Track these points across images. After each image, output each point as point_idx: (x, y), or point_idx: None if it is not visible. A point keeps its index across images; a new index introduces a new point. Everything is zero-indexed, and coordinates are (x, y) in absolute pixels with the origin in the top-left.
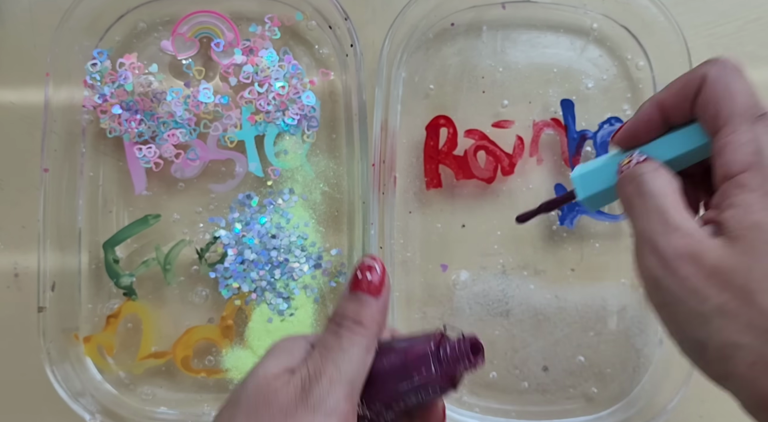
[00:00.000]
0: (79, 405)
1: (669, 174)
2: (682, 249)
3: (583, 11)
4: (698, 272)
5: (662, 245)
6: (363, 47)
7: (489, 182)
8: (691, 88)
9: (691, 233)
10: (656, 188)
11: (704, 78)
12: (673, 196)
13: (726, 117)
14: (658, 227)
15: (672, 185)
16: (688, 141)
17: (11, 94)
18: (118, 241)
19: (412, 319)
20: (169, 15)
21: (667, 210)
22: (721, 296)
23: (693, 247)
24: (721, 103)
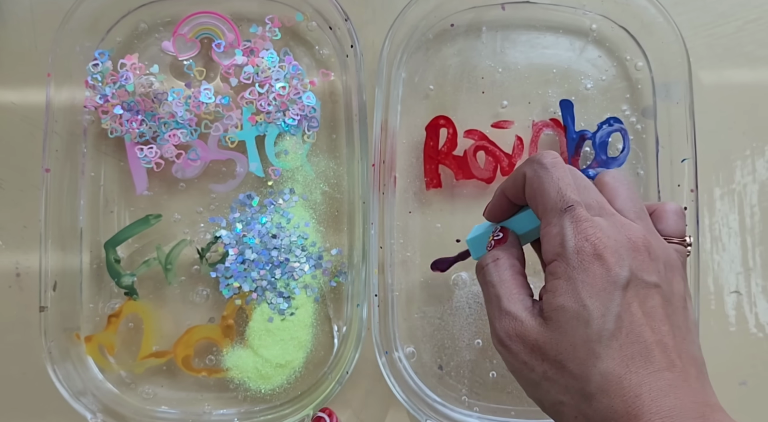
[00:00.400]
0: (80, 404)
1: (508, 261)
2: (511, 331)
3: (582, 12)
4: (524, 348)
5: (497, 328)
6: (363, 48)
7: (489, 182)
8: (519, 184)
9: (517, 316)
10: (494, 279)
11: (524, 177)
12: (509, 283)
13: (541, 211)
14: (495, 312)
15: (509, 272)
16: (534, 222)
17: (12, 95)
18: (120, 241)
19: (411, 319)
20: (170, 16)
21: (501, 298)
22: (543, 366)
23: (518, 329)
24: (537, 199)
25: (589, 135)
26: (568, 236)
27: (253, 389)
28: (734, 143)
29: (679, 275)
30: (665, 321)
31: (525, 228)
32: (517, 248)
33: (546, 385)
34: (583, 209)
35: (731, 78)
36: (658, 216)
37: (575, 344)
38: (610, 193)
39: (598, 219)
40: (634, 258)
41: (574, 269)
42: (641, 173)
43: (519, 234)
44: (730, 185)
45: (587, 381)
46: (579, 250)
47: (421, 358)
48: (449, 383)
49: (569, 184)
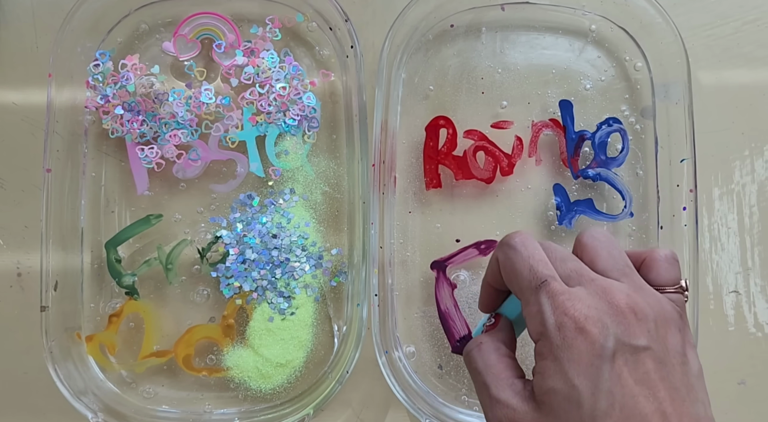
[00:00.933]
0: (81, 403)
1: (493, 345)
2: (503, 418)
3: (581, 13)
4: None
5: (489, 417)
6: (363, 48)
7: (488, 182)
8: (496, 270)
9: (508, 404)
10: (479, 365)
11: (497, 262)
12: (496, 367)
13: (519, 292)
14: (486, 399)
15: (494, 356)
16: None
17: (14, 95)
18: (120, 241)
19: (411, 318)
20: (171, 16)
21: (489, 385)
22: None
23: (510, 416)
24: (512, 281)
25: (589, 135)
26: (546, 313)
27: (254, 388)
28: (733, 143)
29: (675, 327)
30: (660, 386)
31: (515, 312)
32: (504, 332)
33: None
34: (558, 282)
35: (730, 78)
36: (647, 266)
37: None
38: (590, 254)
39: (577, 289)
40: (618, 324)
41: (558, 348)
42: (640, 173)
43: (512, 319)
44: (729, 185)
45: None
46: (560, 326)
47: (421, 358)
48: (449, 382)
49: (540, 260)
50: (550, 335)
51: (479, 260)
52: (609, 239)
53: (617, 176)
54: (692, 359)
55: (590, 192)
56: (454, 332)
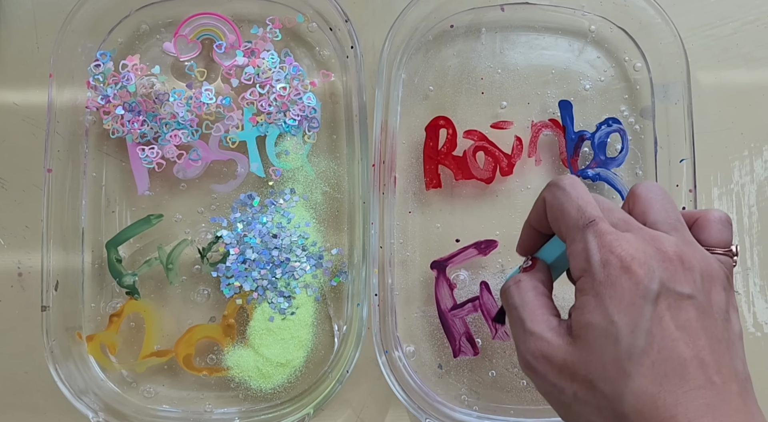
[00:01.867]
0: (82, 403)
1: (530, 283)
2: (537, 352)
3: (581, 13)
4: (552, 369)
5: (522, 350)
6: (363, 49)
7: (488, 182)
8: (541, 211)
9: (543, 336)
10: (516, 301)
11: (544, 202)
12: (532, 304)
13: (565, 232)
14: (520, 334)
15: (531, 293)
16: (560, 247)
17: (14, 96)
18: (121, 241)
19: (411, 318)
20: (172, 17)
21: (524, 319)
22: (572, 387)
23: (544, 349)
24: (560, 221)
25: (588, 136)
26: (592, 250)
27: (254, 388)
28: (732, 143)
29: (720, 285)
30: (701, 335)
31: (553, 256)
32: (542, 272)
33: (578, 407)
34: (606, 223)
35: (729, 79)
36: (700, 226)
37: (605, 362)
38: (643, 205)
39: (625, 234)
40: (665, 269)
41: (601, 284)
42: (640, 173)
43: (549, 263)
44: (728, 185)
45: (620, 401)
46: (605, 263)
47: (421, 357)
48: (449, 382)
49: (589, 201)
50: (593, 271)
51: (479, 260)
52: (664, 192)
53: (617, 176)
54: (734, 319)
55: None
56: (454, 332)
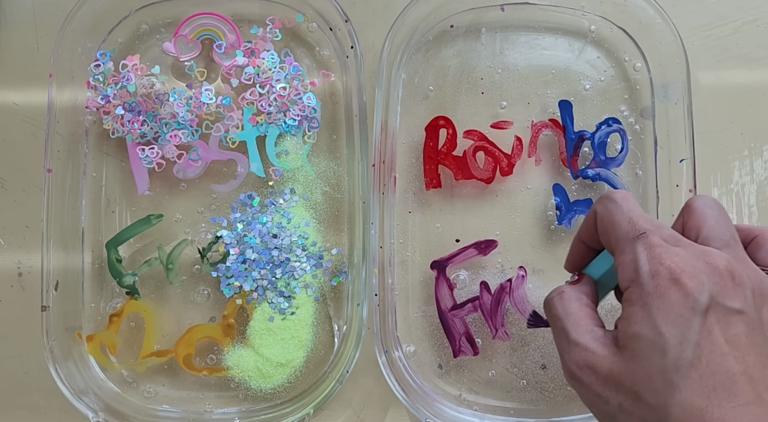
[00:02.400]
0: (82, 403)
1: (574, 294)
2: (581, 362)
3: (581, 13)
4: (597, 380)
5: (566, 360)
6: (363, 49)
7: (488, 182)
8: (592, 224)
9: (587, 347)
10: (560, 311)
11: (595, 215)
12: (576, 315)
13: (614, 243)
14: (564, 344)
15: (575, 304)
16: (608, 262)
17: (15, 96)
18: (121, 241)
19: (411, 318)
20: (172, 17)
21: (568, 330)
22: (617, 398)
23: (589, 360)
24: (609, 233)
25: (588, 136)
26: (641, 261)
27: (254, 388)
28: (732, 143)
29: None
30: (751, 351)
31: (601, 270)
32: (587, 286)
33: (622, 418)
34: (657, 236)
35: (729, 79)
36: (758, 244)
37: (651, 374)
38: (697, 220)
39: (675, 248)
40: (715, 283)
41: (650, 295)
42: (640, 173)
43: (596, 279)
44: (728, 185)
45: (666, 414)
46: (654, 274)
47: (421, 357)
48: (449, 382)
49: (641, 215)
50: (642, 281)
51: (479, 260)
52: (720, 207)
53: (617, 176)
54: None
55: (590, 192)
56: (454, 332)
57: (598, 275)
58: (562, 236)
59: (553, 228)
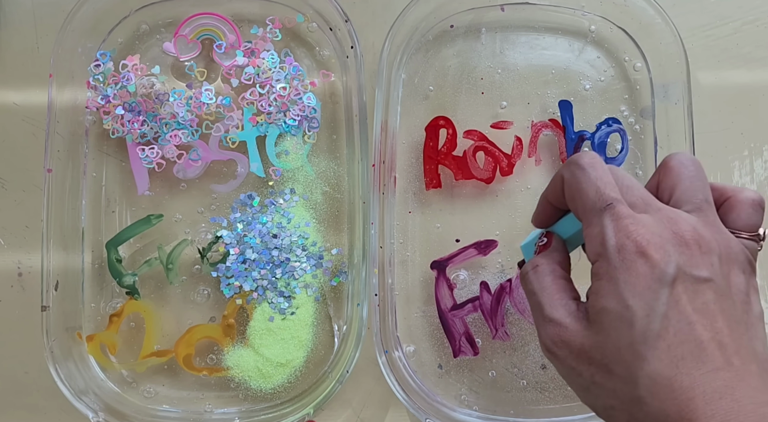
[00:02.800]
0: (82, 403)
1: (548, 267)
2: (556, 338)
3: (581, 13)
4: (570, 354)
5: (542, 335)
6: (363, 49)
7: (488, 182)
8: (559, 189)
9: (561, 322)
10: (535, 286)
11: (562, 180)
12: (550, 289)
13: (581, 213)
14: (539, 320)
15: (549, 278)
16: (576, 224)
17: (15, 96)
18: (121, 241)
19: (411, 318)
20: (172, 17)
21: (543, 305)
22: (590, 370)
23: (562, 335)
24: (576, 201)
25: (588, 136)
26: (608, 234)
27: (254, 388)
28: (732, 143)
29: (739, 268)
30: (719, 318)
31: (569, 232)
32: (559, 252)
33: (595, 390)
34: (625, 206)
35: (729, 79)
36: (729, 206)
37: (620, 346)
38: (673, 179)
39: (642, 216)
40: (681, 253)
41: (616, 269)
42: (640, 173)
43: (565, 238)
44: None
45: (635, 385)
46: (620, 248)
47: (421, 357)
48: (449, 382)
49: (608, 182)
50: (609, 256)
51: (479, 260)
52: (696, 167)
53: None
54: (755, 301)
55: None
56: (454, 332)
57: (567, 236)
58: None
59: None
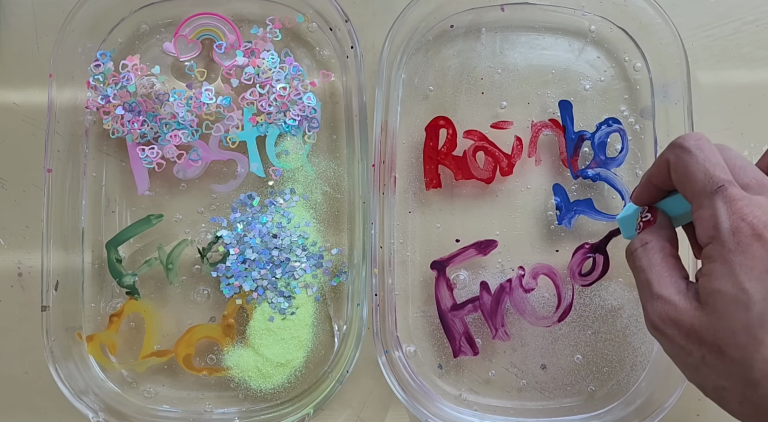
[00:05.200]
0: (81, 403)
1: (658, 244)
2: (664, 315)
3: (581, 13)
4: (679, 333)
5: (649, 312)
6: (363, 49)
7: (488, 182)
8: (664, 172)
9: (670, 300)
10: (644, 263)
11: (668, 163)
12: (659, 266)
13: (691, 196)
14: (647, 297)
15: (659, 255)
16: (685, 205)
17: (15, 96)
18: (121, 241)
19: (411, 318)
20: (172, 17)
21: (651, 282)
22: (700, 351)
23: (671, 313)
24: (684, 184)
25: (588, 136)
26: (722, 217)
27: (254, 388)
28: (732, 143)
29: None
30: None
31: (676, 212)
32: (667, 229)
33: (705, 370)
34: (737, 187)
35: (729, 79)
36: None
37: (734, 329)
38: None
39: (757, 198)
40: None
41: (731, 252)
42: (640, 173)
43: (672, 216)
44: None
45: (750, 368)
46: (735, 231)
47: (421, 357)
48: (449, 382)
49: (717, 163)
50: (723, 238)
51: (479, 260)
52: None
53: (617, 176)
54: None
55: (590, 192)
56: (454, 332)
57: (675, 214)
58: (562, 236)
59: (553, 228)
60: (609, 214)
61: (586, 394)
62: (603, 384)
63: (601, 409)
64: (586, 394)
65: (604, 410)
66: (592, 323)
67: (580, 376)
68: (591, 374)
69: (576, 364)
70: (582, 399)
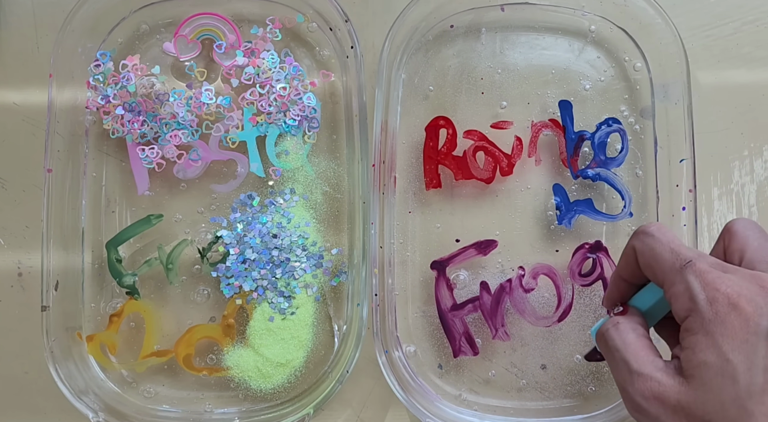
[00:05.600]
0: (82, 403)
1: (629, 325)
2: (647, 392)
3: (581, 13)
4: (665, 410)
5: (630, 392)
6: (363, 49)
7: (488, 182)
8: (632, 260)
9: (652, 376)
10: (617, 343)
11: (634, 250)
12: (635, 345)
13: (662, 276)
14: (625, 376)
15: (632, 335)
16: (655, 294)
17: (15, 96)
18: (121, 241)
19: (411, 318)
20: (172, 17)
21: (629, 360)
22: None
23: (655, 389)
24: (654, 266)
25: (588, 136)
26: (695, 289)
27: (254, 388)
28: (732, 143)
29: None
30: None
31: (648, 303)
32: (638, 316)
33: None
34: (705, 262)
35: (729, 79)
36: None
37: (724, 402)
38: (740, 243)
39: (725, 273)
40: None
41: (711, 322)
42: (639, 173)
43: (643, 311)
44: (728, 185)
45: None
46: (712, 301)
47: (421, 357)
48: (449, 382)
49: (680, 244)
50: (701, 309)
51: (479, 260)
52: (760, 229)
53: (617, 176)
54: None
55: (590, 192)
56: (454, 332)
57: (646, 307)
58: (562, 236)
59: (553, 228)
60: (609, 214)
61: (586, 394)
62: (602, 384)
63: (601, 409)
64: (586, 394)
65: (604, 410)
66: (592, 323)
67: (579, 376)
68: (591, 374)
69: (576, 364)
70: (581, 399)
